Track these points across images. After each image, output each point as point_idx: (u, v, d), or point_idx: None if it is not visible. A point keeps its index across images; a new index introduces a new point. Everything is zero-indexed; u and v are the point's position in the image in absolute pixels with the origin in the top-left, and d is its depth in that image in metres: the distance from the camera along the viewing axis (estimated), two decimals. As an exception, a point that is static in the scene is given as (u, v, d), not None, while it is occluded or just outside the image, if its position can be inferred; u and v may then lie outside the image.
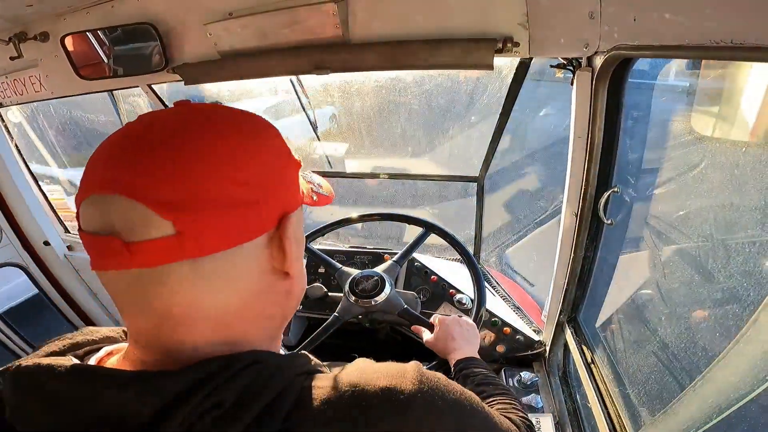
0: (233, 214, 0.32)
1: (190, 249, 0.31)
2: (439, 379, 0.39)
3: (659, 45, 0.57)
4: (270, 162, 0.36)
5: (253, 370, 0.33)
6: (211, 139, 0.33)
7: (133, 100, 1.81)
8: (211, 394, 0.31)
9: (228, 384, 0.31)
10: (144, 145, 0.32)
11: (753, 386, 0.54)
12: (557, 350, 1.20)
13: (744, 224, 0.77)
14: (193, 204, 0.31)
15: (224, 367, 0.32)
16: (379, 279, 1.17)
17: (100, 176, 0.32)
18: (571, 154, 0.90)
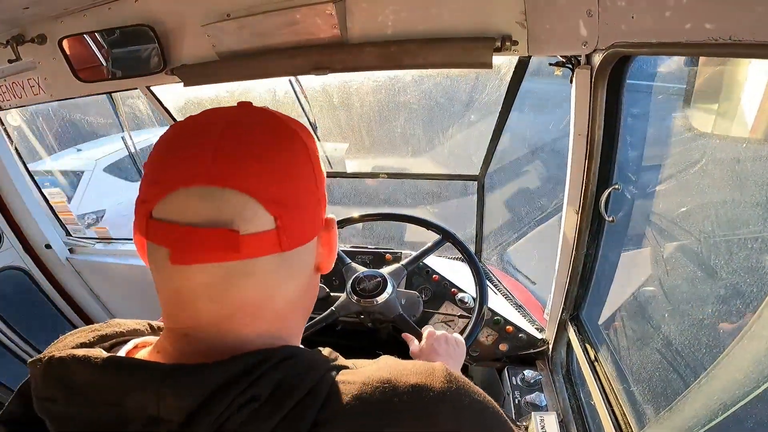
0: (312, 211, 0.37)
1: (285, 242, 0.34)
2: (465, 379, 0.39)
3: (658, 42, 0.57)
4: (320, 164, 0.40)
5: (288, 365, 0.34)
6: (295, 144, 0.37)
7: (132, 102, 1.81)
8: (249, 387, 0.31)
9: (264, 378, 0.32)
10: (242, 144, 0.34)
11: (758, 383, 0.54)
12: (560, 348, 1.20)
13: (746, 220, 0.77)
14: (292, 201, 0.35)
15: (262, 361, 0.33)
16: (381, 280, 1.17)
17: (199, 169, 0.32)
18: (571, 151, 0.90)
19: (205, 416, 0.30)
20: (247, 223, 0.32)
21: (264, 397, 0.31)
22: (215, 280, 0.33)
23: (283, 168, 0.35)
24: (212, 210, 0.32)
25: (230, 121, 0.35)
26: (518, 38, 0.81)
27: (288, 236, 0.34)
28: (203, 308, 0.34)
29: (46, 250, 1.97)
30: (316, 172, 0.38)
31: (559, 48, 0.79)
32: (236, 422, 0.30)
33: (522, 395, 1.14)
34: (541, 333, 1.30)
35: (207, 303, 0.34)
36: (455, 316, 1.34)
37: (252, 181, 0.33)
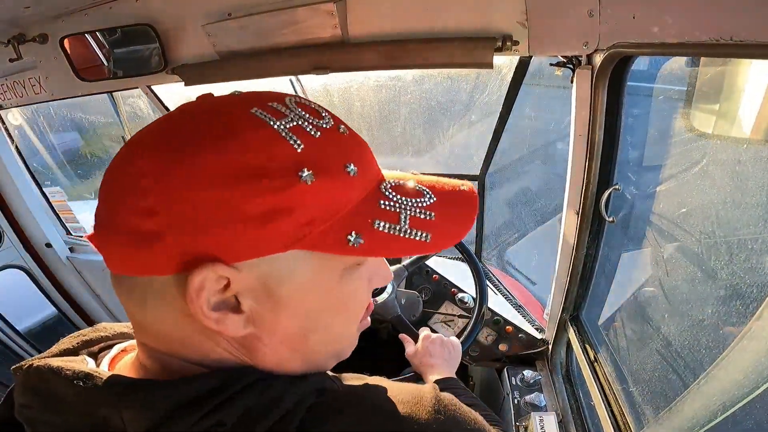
0: (126, 242, 0.28)
1: (112, 265, 0.30)
2: (455, 405, 0.37)
3: (659, 43, 0.57)
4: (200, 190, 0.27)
5: (258, 389, 0.30)
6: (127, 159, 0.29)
7: (133, 102, 1.81)
8: (213, 411, 0.28)
9: (231, 402, 0.29)
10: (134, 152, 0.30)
11: (757, 383, 0.54)
12: (560, 348, 1.20)
13: (746, 221, 0.77)
14: (102, 223, 0.30)
15: (224, 384, 0.30)
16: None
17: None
18: (571, 152, 0.90)
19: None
20: None
21: (231, 424, 0.28)
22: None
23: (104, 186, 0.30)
24: None
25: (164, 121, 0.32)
26: (519, 38, 0.81)
27: (107, 259, 0.30)
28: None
29: (46, 249, 1.97)
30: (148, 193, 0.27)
31: (560, 48, 0.79)
32: None
33: (521, 395, 1.14)
34: (540, 333, 1.30)
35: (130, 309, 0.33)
36: (455, 316, 1.34)
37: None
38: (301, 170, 0.28)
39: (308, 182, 0.28)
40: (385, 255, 0.33)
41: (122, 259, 0.29)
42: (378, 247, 0.31)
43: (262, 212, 0.27)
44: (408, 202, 0.33)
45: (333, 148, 0.31)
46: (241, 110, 0.30)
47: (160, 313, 0.30)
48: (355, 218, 0.31)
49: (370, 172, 0.34)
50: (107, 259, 0.30)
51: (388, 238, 0.31)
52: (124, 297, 0.31)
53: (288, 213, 0.28)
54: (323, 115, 0.32)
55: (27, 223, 1.91)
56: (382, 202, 0.32)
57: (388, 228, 0.31)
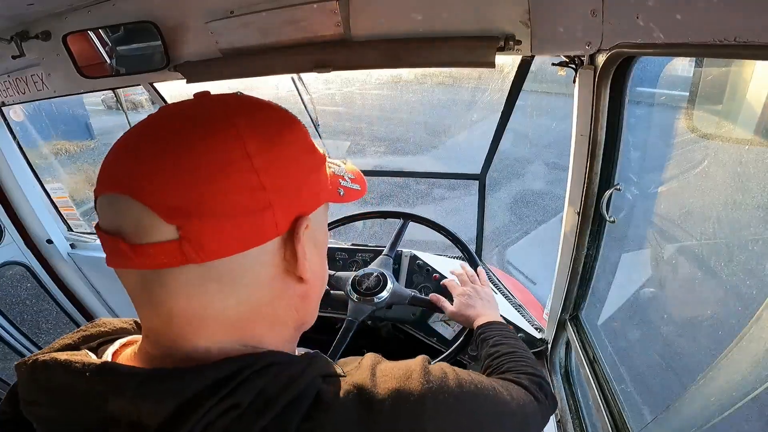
0: (241, 221, 0.31)
1: (191, 255, 0.30)
2: (445, 373, 0.40)
3: (662, 43, 0.57)
4: (290, 165, 0.34)
5: (271, 373, 0.33)
6: (225, 141, 0.31)
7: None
8: (229, 395, 0.30)
9: (245, 385, 0.31)
10: (156, 144, 0.31)
11: (756, 384, 0.54)
12: (559, 348, 1.20)
13: (747, 222, 0.77)
14: (198, 210, 0.30)
15: (242, 368, 0.32)
16: (379, 275, 1.17)
17: (112, 174, 0.32)
18: (573, 151, 0.89)
19: (182, 423, 0.29)
20: (145, 232, 0.30)
21: (245, 405, 0.30)
22: (139, 287, 0.33)
23: (191, 171, 0.30)
24: (110, 217, 0.31)
25: (165, 116, 0.33)
26: (522, 38, 0.81)
27: (197, 247, 0.30)
28: (145, 312, 0.34)
29: (47, 246, 1.98)
30: (264, 172, 0.32)
31: (562, 48, 0.79)
32: (218, 429, 0.30)
33: (521, 395, 1.14)
34: (540, 333, 1.30)
35: (144, 306, 0.34)
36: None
37: (147, 188, 0.30)
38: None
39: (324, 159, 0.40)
40: (350, 200, 0.43)
41: (229, 238, 0.31)
42: (347, 196, 0.42)
43: (318, 173, 0.38)
44: (341, 170, 0.45)
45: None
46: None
47: (256, 285, 0.34)
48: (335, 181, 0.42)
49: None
50: (205, 247, 0.31)
51: (347, 189, 0.43)
52: (208, 285, 0.32)
53: (325, 177, 0.40)
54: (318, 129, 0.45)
55: (28, 220, 1.92)
56: (336, 171, 0.44)
57: (346, 184, 0.43)
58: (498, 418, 0.45)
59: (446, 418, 0.37)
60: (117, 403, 0.30)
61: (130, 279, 0.33)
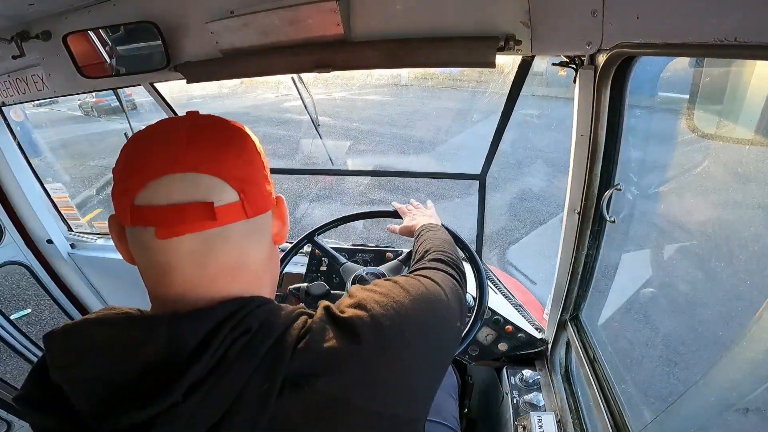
0: (265, 188, 0.46)
1: (249, 210, 0.43)
2: (375, 286, 0.51)
3: (662, 43, 0.57)
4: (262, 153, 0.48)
5: (267, 308, 0.43)
6: (244, 138, 0.46)
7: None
8: (241, 322, 0.39)
9: (252, 315, 0.41)
10: (211, 139, 0.43)
11: (756, 385, 0.54)
12: (559, 348, 1.20)
13: (747, 222, 0.77)
14: (249, 179, 0.43)
15: (247, 303, 0.42)
16: (382, 276, 1.17)
17: (178, 160, 0.40)
18: (573, 152, 0.89)
19: (208, 348, 0.37)
20: (219, 197, 0.41)
21: (255, 329, 0.40)
22: (198, 247, 0.41)
23: (240, 155, 0.43)
24: (190, 190, 0.40)
25: (191, 123, 0.43)
26: (522, 38, 0.81)
27: (250, 205, 0.43)
28: (191, 273, 0.41)
29: (47, 245, 1.98)
30: (262, 158, 0.47)
31: (562, 48, 0.79)
32: (236, 349, 0.38)
33: (520, 395, 1.14)
34: (540, 333, 1.30)
35: (194, 268, 0.41)
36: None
37: (219, 166, 0.41)
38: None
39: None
40: None
41: (263, 200, 0.45)
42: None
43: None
44: None
45: None
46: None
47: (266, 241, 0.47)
48: None
49: None
50: (255, 205, 0.44)
51: None
52: (250, 238, 0.44)
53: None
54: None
55: (28, 220, 1.92)
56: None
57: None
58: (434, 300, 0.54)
59: (394, 317, 0.46)
60: (151, 347, 0.36)
61: (187, 244, 0.40)
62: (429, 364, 0.49)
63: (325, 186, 5.91)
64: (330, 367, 0.41)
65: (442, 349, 0.52)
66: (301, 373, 0.39)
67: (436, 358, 0.51)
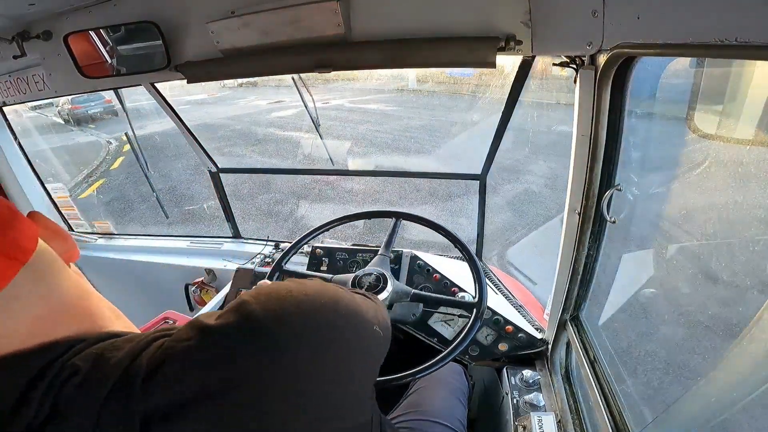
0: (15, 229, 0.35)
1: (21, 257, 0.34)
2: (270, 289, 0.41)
3: (663, 43, 0.57)
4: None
5: (108, 342, 0.37)
6: None
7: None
8: (67, 363, 0.34)
9: (82, 353, 0.35)
10: None
11: (756, 385, 0.54)
12: (560, 348, 1.20)
13: (747, 223, 0.77)
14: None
15: (76, 341, 0.36)
16: (378, 275, 1.17)
17: None
18: (574, 152, 0.89)
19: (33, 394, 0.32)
20: None
21: (85, 370, 0.34)
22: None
23: None
24: None
25: None
26: (522, 38, 0.81)
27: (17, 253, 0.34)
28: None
29: (48, 245, 1.98)
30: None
31: (563, 48, 0.79)
32: (66, 397, 0.33)
33: (521, 395, 1.14)
34: (540, 333, 1.30)
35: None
36: (455, 315, 1.34)
37: None
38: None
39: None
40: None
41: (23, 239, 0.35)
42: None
43: None
44: None
45: None
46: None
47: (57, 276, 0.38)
48: None
49: None
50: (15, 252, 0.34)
51: None
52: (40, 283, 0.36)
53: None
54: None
55: (29, 219, 1.92)
56: None
57: None
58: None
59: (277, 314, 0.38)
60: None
61: None
62: (333, 369, 0.40)
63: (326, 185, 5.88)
64: (198, 395, 0.34)
65: (351, 350, 0.43)
66: (166, 405, 0.34)
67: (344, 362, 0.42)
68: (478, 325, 1.09)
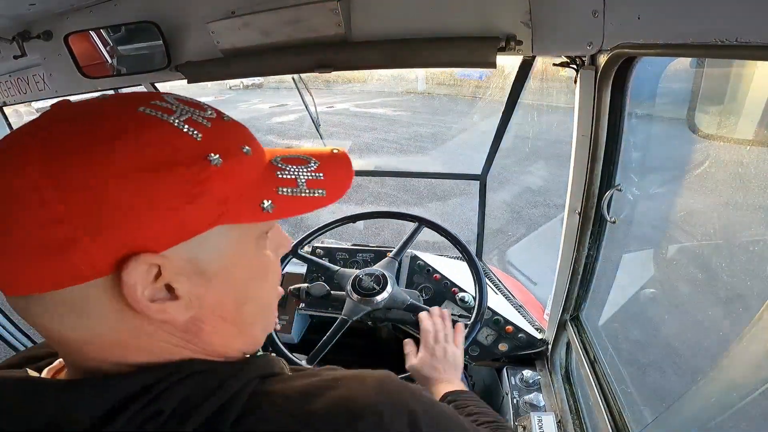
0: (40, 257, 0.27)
1: (7, 289, 0.29)
2: (406, 388, 0.36)
3: (664, 43, 0.57)
4: (106, 190, 0.27)
5: (195, 380, 0.32)
6: (31, 165, 0.27)
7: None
8: (152, 402, 0.30)
9: (168, 392, 0.30)
10: None
11: (756, 385, 0.54)
12: (560, 349, 1.20)
13: (747, 223, 0.77)
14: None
15: (165, 376, 0.31)
16: (380, 276, 1.17)
17: None
18: (574, 152, 0.90)
19: (105, 427, 0.29)
20: None
21: (169, 412, 0.30)
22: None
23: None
24: None
25: None
26: (523, 38, 0.81)
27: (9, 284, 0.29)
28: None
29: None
30: (59, 199, 0.26)
31: (563, 48, 0.79)
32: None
33: (520, 395, 1.14)
34: (540, 333, 1.30)
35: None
36: (455, 315, 1.34)
37: None
38: (208, 155, 0.31)
39: (217, 165, 0.31)
40: (295, 214, 0.36)
41: (31, 277, 0.28)
42: (288, 208, 0.35)
43: (182, 198, 0.29)
44: (299, 168, 0.37)
45: (226, 134, 0.34)
46: (128, 111, 0.31)
47: (89, 322, 0.30)
48: (262, 189, 0.34)
49: (259, 151, 0.37)
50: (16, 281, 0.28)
51: (292, 200, 0.35)
52: (38, 318, 0.30)
53: (206, 194, 0.30)
54: (205, 107, 0.35)
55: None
56: (278, 173, 0.36)
57: (291, 191, 0.35)
58: None
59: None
60: (45, 414, 0.29)
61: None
62: None
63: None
64: None
65: None
66: None
67: None
68: (478, 327, 1.09)
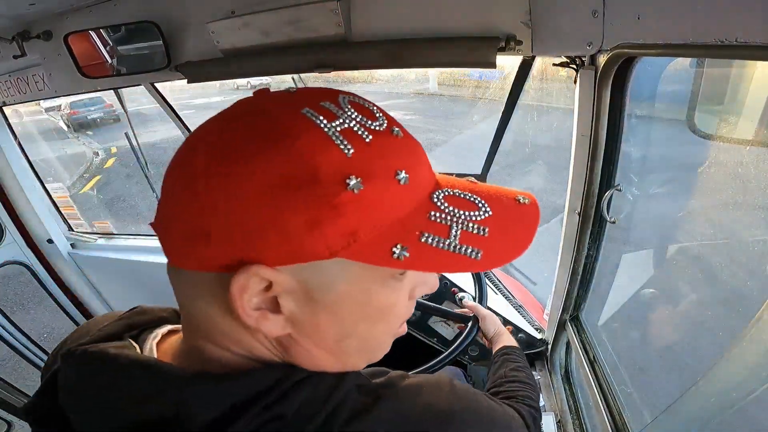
0: (185, 237, 0.29)
1: (169, 257, 0.32)
2: (468, 389, 0.41)
3: (663, 44, 0.57)
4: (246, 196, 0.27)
5: (310, 384, 0.32)
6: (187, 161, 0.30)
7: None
8: (273, 404, 0.30)
9: (289, 395, 0.30)
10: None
11: (755, 385, 0.54)
12: (559, 349, 1.20)
13: (747, 223, 0.77)
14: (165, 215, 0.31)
15: (283, 378, 0.31)
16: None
17: None
18: (574, 152, 0.90)
19: (226, 428, 0.28)
20: None
21: (290, 415, 0.30)
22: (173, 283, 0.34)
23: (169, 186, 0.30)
24: None
25: None
26: (522, 38, 0.81)
27: (168, 252, 0.31)
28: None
29: (48, 245, 1.98)
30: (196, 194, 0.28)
31: (563, 48, 0.79)
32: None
33: (521, 395, 1.14)
34: (540, 333, 1.30)
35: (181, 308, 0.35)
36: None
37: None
38: (348, 178, 0.28)
39: (355, 191, 0.28)
40: (430, 270, 0.33)
41: (178, 251, 0.30)
42: (423, 262, 0.30)
43: (307, 220, 0.27)
44: (460, 214, 0.32)
45: (384, 154, 0.30)
46: (292, 112, 0.30)
47: (207, 306, 0.31)
48: (402, 229, 0.30)
49: (422, 179, 0.32)
50: (166, 249, 0.31)
51: (434, 252, 0.30)
52: (178, 288, 0.33)
53: (333, 221, 0.27)
54: (377, 116, 0.31)
55: (29, 219, 1.92)
56: (432, 213, 0.31)
57: (435, 242, 0.30)
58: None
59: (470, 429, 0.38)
60: (160, 401, 0.29)
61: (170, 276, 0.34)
62: None
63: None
64: None
65: None
66: None
67: None
68: (477, 329, 1.09)
